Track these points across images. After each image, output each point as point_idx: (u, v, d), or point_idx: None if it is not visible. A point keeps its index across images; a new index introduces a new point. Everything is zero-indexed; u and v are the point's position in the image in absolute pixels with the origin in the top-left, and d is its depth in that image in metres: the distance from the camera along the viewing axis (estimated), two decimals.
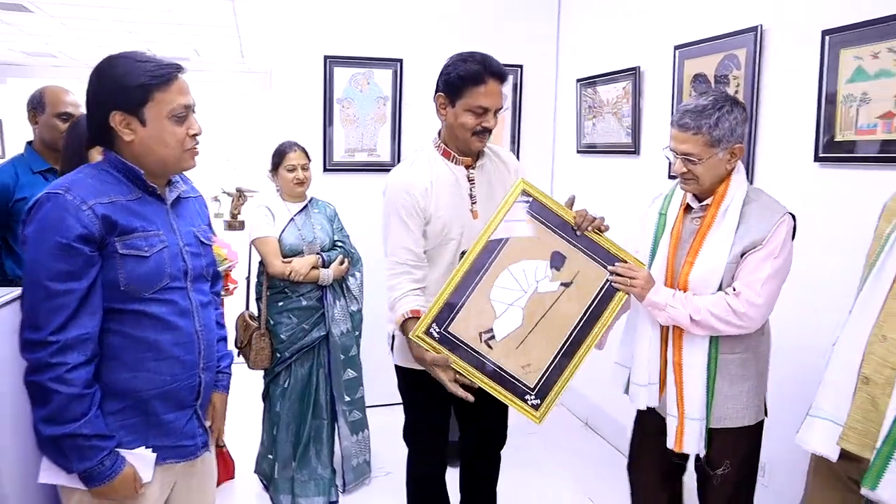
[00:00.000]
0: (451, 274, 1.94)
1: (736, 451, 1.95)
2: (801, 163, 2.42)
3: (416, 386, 2.17)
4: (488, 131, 2.01)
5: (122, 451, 1.46)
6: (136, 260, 1.45)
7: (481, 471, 2.41)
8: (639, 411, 2.08)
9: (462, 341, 1.91)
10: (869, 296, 1.63)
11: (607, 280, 1.92)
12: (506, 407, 2.30)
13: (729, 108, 1.81)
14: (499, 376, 1.91)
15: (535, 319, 1.92)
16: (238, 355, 2.87)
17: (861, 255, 1.73)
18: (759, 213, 1.85)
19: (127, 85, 1.43)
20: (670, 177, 2.96)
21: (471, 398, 1.89)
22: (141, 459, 1.49)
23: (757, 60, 2.58)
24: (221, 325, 1.78)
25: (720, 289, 1.85)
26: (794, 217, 1.86)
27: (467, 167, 2.09)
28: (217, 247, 2.47)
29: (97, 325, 1.42)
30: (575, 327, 1.92)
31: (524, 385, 1.91)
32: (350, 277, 3.04)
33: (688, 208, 1.96)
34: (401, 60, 3.89)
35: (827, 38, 2.26)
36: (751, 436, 1.96)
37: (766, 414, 2.00)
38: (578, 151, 3.97)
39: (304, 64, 3.79)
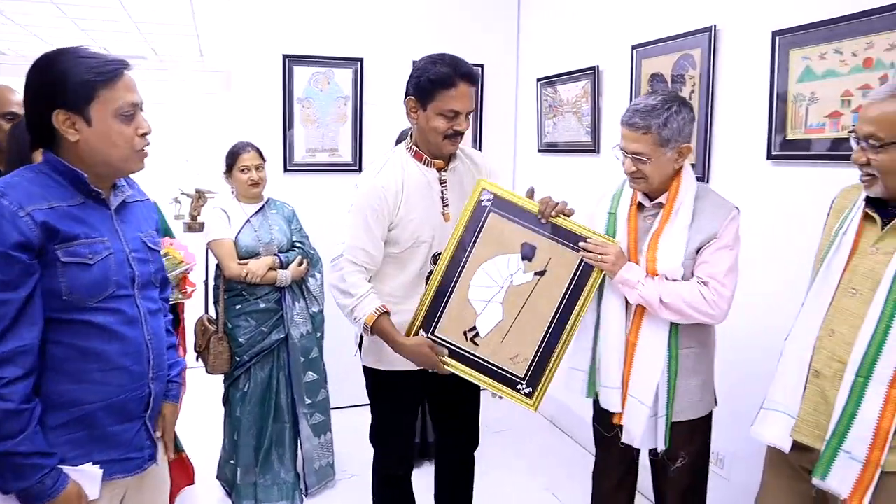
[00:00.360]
0: (430, 279, 1.99)
1: (692, 442, 1.99)
2: (754, 161, 2.47)
3: (384, 386, 2.16)
4: (460, 134, 2.00)
5: (66, 468, 1.38)
6: (79, 268, 1.38)
7: (457, 472, 2.41)
8: (597, 412, 2.10)
9: (450, 342, 1.98)
10: (818, 291, 1.67)
11: (580, 261, 1.94)
12: (478, 408, 2.31)
13: (677, 108, 1.83)
14: (489, 370, 1.98)
15: (516, 312, 1.96)
16: (197, 359, 2.83)
17: (811, 250, 1.77)
18: (710, 209, 1.89)
19: (71, 82, 1.36)
20: None
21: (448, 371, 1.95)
22: (86, 476, 1.41)
23: (711, 60, 2.63)
24: (171, 332, 1.72)
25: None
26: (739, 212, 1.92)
27: (439, 170, 2.07)
28: (173, 249, 2.42)
29: (36, 337, 1.35)
30: (556, 313, 1.95)
31: (514, 375, 1.98)
32: (310, 278, 3.01)
33: (639, 206, 1.99)
34: (361, 60, 3.86)
35: (777, 38, 2.31)
36: (704, 426, 2.02)
37: (715, 404, 2.04)
38: (539, 150, 3.99)
39: (263, 63, 3.74)
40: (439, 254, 2.04)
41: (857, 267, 1.58)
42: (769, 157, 2.40)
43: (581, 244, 1.93)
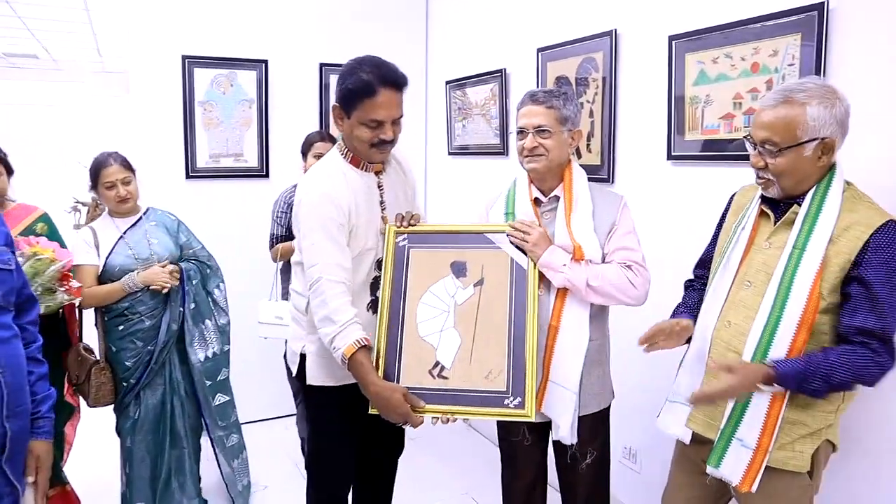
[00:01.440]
0: (376, 331, 1.91)
1: (597, 435, 2.02)
2: (655, 161, 2.54)
3: (331, 404, 2.06)
4: (387, 143, 1.92)
5: None
6: None
7: (378, 482, 2.34)
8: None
9: (419, 388, 1.85)
10: (717, 285, 1.73)
11: (510, 256, 1.92)
12: None
13: (572, 95, 1.96)
14: (471, 399, 1.84)
15: (472, 329, 1.89)
16: (74, 393, 2.58)
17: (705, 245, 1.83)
18: (601, 199, 1.97)
19: None
20: None
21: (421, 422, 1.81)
22: None
23: (613, 63, 2.68)
24: (39, 361, 1.54)
25: None
26: None
27: (377, 173, 2.02)
28: (40, 247, 2.25)
29: None
30: (510, 314, 1.89)
31: (497, 393, 1.84)
32: (215, 290, 2.80)
33: (536, 202, 2.00)
34: (266, 62, 3.74)
35: (674, 42, 2.38)
36: (606, 418, 2.06)
37: (612, 396, 2.08)
38: (450, 153, 3.99)
39: (161, 64, 3.56)
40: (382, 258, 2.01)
41: (752, 260, 1.65)
42: (669, 157, 2.47)
43: (507, 229, 1.92)
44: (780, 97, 1.53)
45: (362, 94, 1.83)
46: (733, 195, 1.85)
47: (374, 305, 2.03)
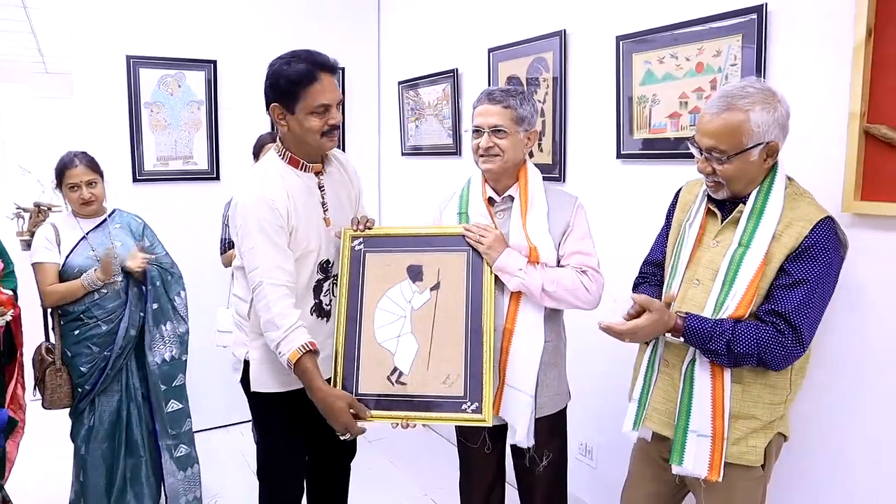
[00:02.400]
0: (334, 338, 1.92)
1: (554, 436, 2.02)
2: (605, 160, 2.57)
3: (277, 410, 2.03)
4: (336, 128, 1.91)
5: None
6: None
7: (332, 486, 2.31)
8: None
9: (377, 395, 1.86)
10: (669, 283, 1.76)
11: (466, 256, 1.91)
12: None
13: (528, 96, 1.95)
14: (428, 405, 1.85)
15: (428, 334, 1.89)
16: (34, 392, 2.55)
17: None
18: (556, 200, 1.97)
19: None
20: None
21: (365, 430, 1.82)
22: None
23: (563, 63, 2.71)
24: None
25: None
26: None
27: (317, 174, 1.99)
28: None
29: None
30: (466, 317, 1.88)
31: (455, 398, 1.84)
32: (176, 297, 2.75)
33: (490, 202, 1.99)
34: (214, 62, 3.67)
35: (621, 43, 2.42)
36: (563, 419, 2.06)
37: (569, 397, 2.09)
38: (403, 154, 3.98)
39: (105, 64, 3.46)
40: (327, 261, 1.99)
41: (700, 259, 1.68)
42: (619, 156, 2.50)
43: (463, 230, 1.92)
44: (724, 104, 1.55)
45: (305, 82, 1.83)
46: (679, 191, 1.89)
47: (318, 309, 2.01)
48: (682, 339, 1.62)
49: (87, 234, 2.61)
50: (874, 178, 1.70)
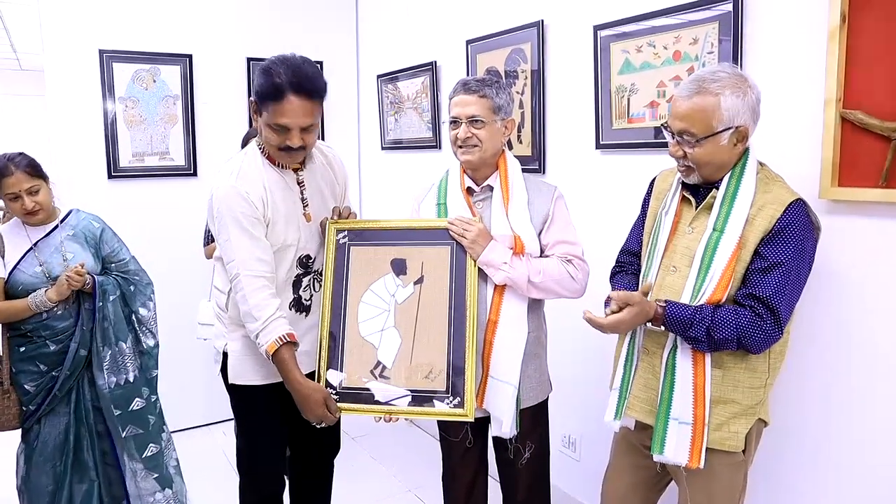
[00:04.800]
0: (314, 333, 1.93)
1: (536, 427, 2.02)
2: (584, 150, 2.57)
3: (255, 403, 2.02)
4: (295, 150, 1.84)
5: None
6: None
7: (315, 482, 2.29)
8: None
9: (360, 388, 1.87)
10: (646, 272, 1.76)
11: (450, 250, 1.90)
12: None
13: (504, 84, 1.94)
14: (411, 399, 1.85)
15: (412, 328, 1.88)
16: None
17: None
18: (535, 189, 1.96)
19: None
20: None
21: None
22: None
23: (541, 54, 2.70)
24: None
25: None
26: None
27: (295, 170, 1.96)
28: None
29: None
30: (450, 312, 1.87)
31: (437, 393, 1.84)
32: (141, 308, 2.50)
33: (469, 192, 1.98)
34: (190, 56, 3.62)
35: (598, 32, 2.41)
36: (545, 411, 2.06)
37: (550, 388, 2.09)
38: (383, 148, 3.95)
39: (77, 59, 3.39)
40: (307, 256, 1.97)
41: (677, 246, 1.69)
42: (598, 146, 2.50)
43: (447, 224, 1.90)
44: (695, 87, 1.56)
45: (270, 97, 1.77)
46: (653, 180, 1.89)
47: (296, 304, 1.99)
48: (662, 328, 1.62)
49: (35, 244, 2.35)
50: (851, 163, 1.71)
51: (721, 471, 1.65)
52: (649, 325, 1.64)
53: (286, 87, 1.75)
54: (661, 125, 1.68)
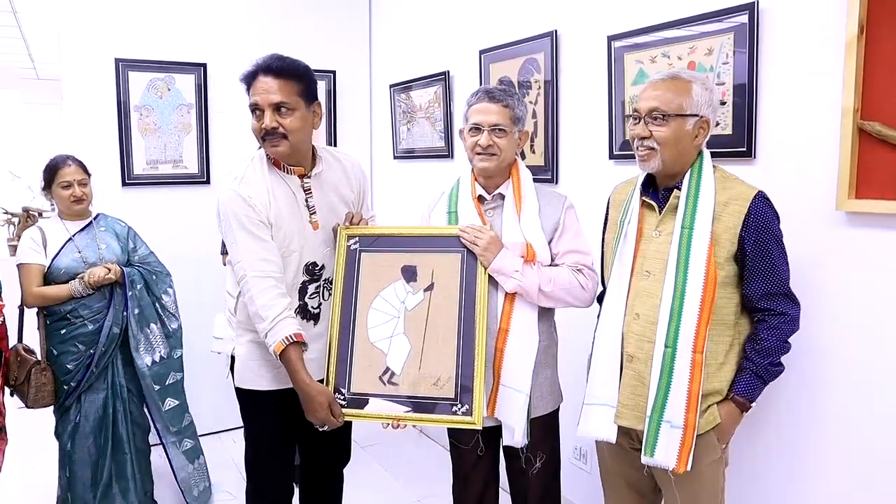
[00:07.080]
0: (327, 337, 1.93)
1: (547, 437, 2.00)
2: (598, 160, 2.56)
3: (265, 407, 2.01)
4: (272, 135, 1.85)
5: None
6: None
7: (325, 492, 2.28)
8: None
9: (369, 393, 1.87)
10: (617, 280, 1.77)
11: (461, 258, 1.89)
12: (349, 423, 2.17)
13: (521, 97, 1.98)
14: (419, 405, 1.85)
15: (421, 335, 1.88)
16: (12, 394, 2.54)
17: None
18: (545, 198, 1.96)
19: None
20: None
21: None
22: None
23: (554, 64, 2.70)
24: None
25: None
26: None
27: (301, 177, 1.96)
28: None
29: None
30: (460, 319, 1.87)
31: (446, 400, 1.83)
32: (164, 295, 2.80)
33: (480, 200, 1.98)
34: (204, 65, 3.65)
35: (612, 43, 2.40)
36: (555, 421, 2.05)
37: (561, 398, 2.07)
38: (396, 157, 3.96)
39: (93, 68, 3.43)
40: (313, 263, 1.97)
41: (646, 251, 1.72)
42: (611, 156, 2.49)
43: (458, 231, 1.90)
44: (669, 75, 1.69)
45: (246, 84, 1.88)
46: (610, 195, 1.95)
47: (303, 311, 1.99)
48: (753, 404, 1.68)
49: (73, 235, 2.67)
50: (868, 175, 1.69)
51: (704, 471, 1.67)
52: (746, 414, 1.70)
53: (258, 69, 1.86)
54: (627, 115, 1.73)
